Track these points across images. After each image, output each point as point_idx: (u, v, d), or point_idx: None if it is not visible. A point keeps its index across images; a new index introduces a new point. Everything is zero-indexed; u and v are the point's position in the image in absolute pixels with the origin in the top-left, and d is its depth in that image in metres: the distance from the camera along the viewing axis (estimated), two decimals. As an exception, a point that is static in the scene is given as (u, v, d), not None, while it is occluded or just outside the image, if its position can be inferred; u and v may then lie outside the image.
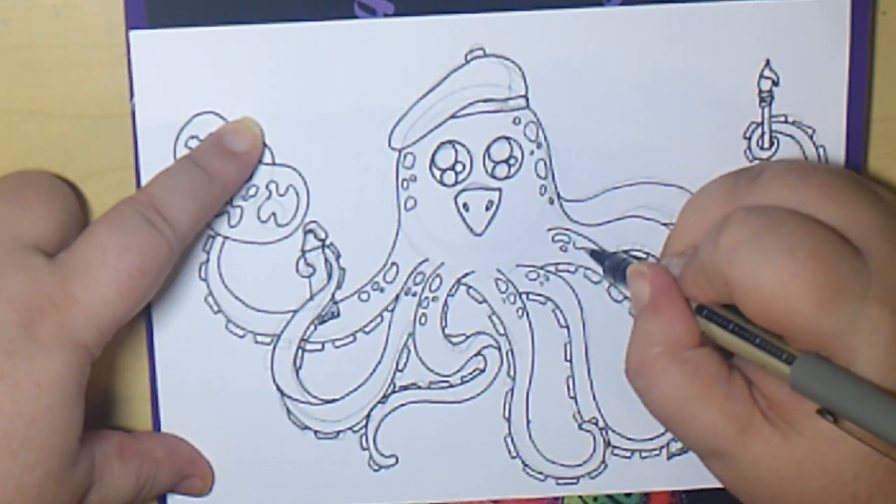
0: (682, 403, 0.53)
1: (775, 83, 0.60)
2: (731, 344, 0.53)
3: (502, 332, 0.62)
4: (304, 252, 0.60)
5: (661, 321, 0.54)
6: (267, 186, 0.60)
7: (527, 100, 0.60)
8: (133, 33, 0.58)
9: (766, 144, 0.60)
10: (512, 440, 0.62)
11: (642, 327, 0.54)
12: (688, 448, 0.55)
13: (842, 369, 0.50)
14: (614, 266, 0.59)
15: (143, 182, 0.58)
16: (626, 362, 0.55)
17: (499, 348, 0.62)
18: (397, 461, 0.62)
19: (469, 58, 0.59)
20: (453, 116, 0.60)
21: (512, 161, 0.60)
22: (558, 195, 0.61)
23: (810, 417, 0.51)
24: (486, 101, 0.60)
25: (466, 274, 0.61)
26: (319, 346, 0.61)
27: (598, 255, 0.60)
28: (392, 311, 0.61)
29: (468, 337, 0.62)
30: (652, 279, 0.55)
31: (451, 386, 0.62)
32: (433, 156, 0.60)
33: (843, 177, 0.54)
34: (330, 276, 0.61)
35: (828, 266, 0.50)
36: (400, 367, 0.62)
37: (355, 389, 0.62)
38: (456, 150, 0.60)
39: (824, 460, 0.51)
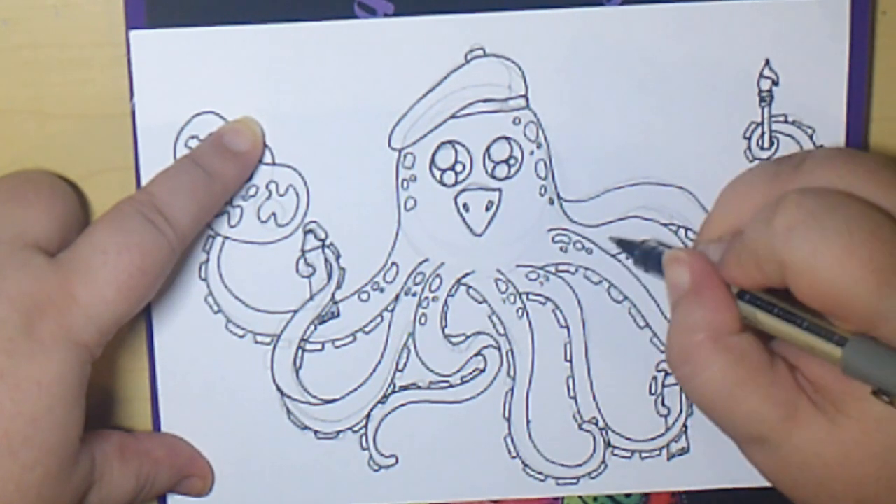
0: (728, 390, 0.52)
1: (775, 83, 0.60)
2: (776, 328, 0.53)
3: (502, 332, 0.62)
4: (304, 252, 0.60)
5: (703, 307, 0.53)
6: (267, 186, 0.60)
7: (527, 100, 0.60)
8: (133, 33, 0.58)
9: (766, 144, 0.60)
10: (512, 440, 0.62)
11: (684, 314, 0.54)
12: (728, 435, 0.54)
13: (895, 349, 0.50)
14: (645, 254, 0.58)
15: (143, 182, 0.58)
16: (668, 350, 0.54)
17: (499, 348, 0.62)
18: (397, 461, 0.62)
19: (469, 58, 0.59)
20: (453, 116, 0.60)
21: (512, 161, 0.60)
22: (558, 195, 0.61)
23: (858, 401, 0.51)
24: (486, 101, 0.60)
25: (466, 274, 0.61)
26: (319, 346, 0.61)
27: (626, 244, 0.60)
28: (392, 311, 0.61)
29: (468, 337, 0.62)
30: (691, 265, 0.54)
31: (451, 386, 0.62)
32: (433, 156, 0.60)
33: (888, 163, 0.54)
34: (330, 276, 0.61)
35: (885, 248, 0.50)
36: (400, 367, 0.62)
37: (355, 389, 0.62)
38: (456, 150, 0.60)
39: (873, 444, 0.51)
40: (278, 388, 0.61)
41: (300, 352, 0.61)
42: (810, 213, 0.51)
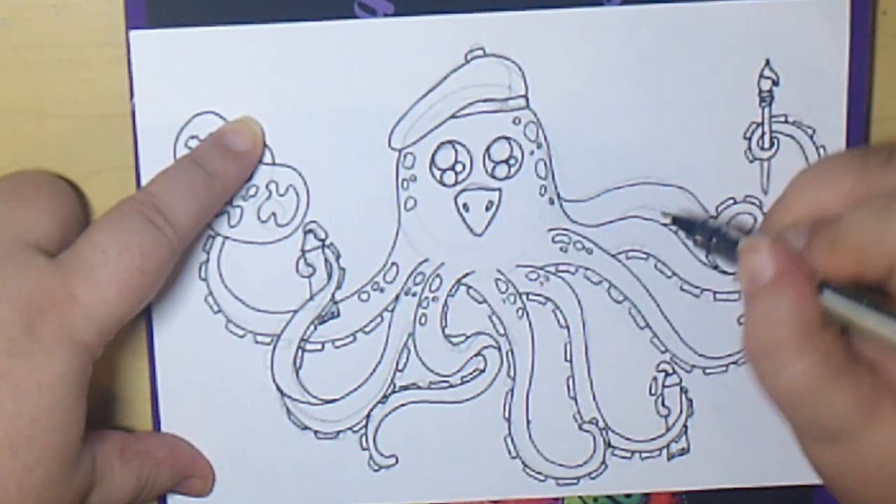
0: (815, 386, 0.51)
1: (775, 83, 0.60)
2: (863, 323, 0.51)
3: (502, 332, 0.62)
4: (304, 252, 0.60)
5: (789, 300, 0.51)
6: (267, 186, 0.60)
7: (527, 100, 0.60)
8: (133, 33, 0.58)
9: (766, 144, 0.60)
10: (512, 440, 0.62)
11: (767, 306, 0.51)
12: (801, 432, 0.53)
13: None
14: (711, 235, 0.56)
15: (143, 182, 0.58)
16: (748, 345, 0.52)
17: (499, 348, 0.62)
18: (397, 461, 0.62)
19: (469, 58, 0.59)
20: (453, 116, 0.60)
21: (512, 161, 0.60)
22: (558, 195, 0.61)
23: None
24: (486, 101, 0.60)
25: (466, 274, 0.61)
26: (319, 346, 0.61)
27: (685, 222, 0.58)
28: (392, 311, 0.61)
29: (468, 337, 0.62)
30: (776, 255, 0.52)
31: (452, 386, 0.62)
32: (433, 156, 0.60)
33: None
34: (330, 276, 0.61)
35: None
36: (400, 367, 0.62)
37: (355, 389, 0.62)
38: (456, 150, 0.60)
39: None
40: (278, 388, 0.61)
41: (300, 352, 0.61)
42: None
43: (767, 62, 0.59)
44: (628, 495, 0.64)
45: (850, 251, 0.51)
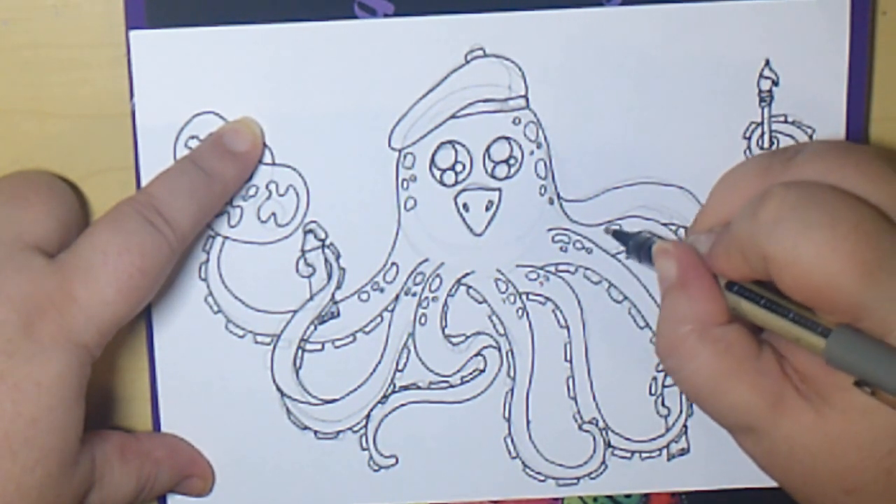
0: (714, 380, 0.53)
1: (775, 83, 0.60)
2: (762, 319, 0.53)
3: (502, 332, 0.62)
4: (304, 252, 0.60)
5: (689, 298, 0.53)
6: (267, 186, 0.60)
7: (527, 100, 0.60)
8: (133, 33, 0.58)
9: (766, 144, 0.60)
10: (512, 440, 0.62)
11: (671, 306, 0.54)
12: (719, 424, 0.54)
13: (878, 341, 0.50)
14: (638, 245, 0.58)
15: (143, 182, 0.58)
16: (657, 341, 0.55)
17: (499, 348, 0.62)
18: (397, 461, 0.62)
19: (469, 58, 0.59)
20: (453, 116, 0.60)
21: (512, 161, 0.60)
22: (558, 195, 0.61)
23: (843, 391, 0.51)
24: (486, 101, 0.60)
25: (466, 274, 0.61)
26: (319, 347, 0.61)
27: (621, 235, 0.60)
28: (392, 311, 0.61)
29: (468, 337, 0.62)
30: (678, 257, 0.54)
31: (451, 386, 0.62)
32: (433, 156, 0.60)
33: (880, 156, 0.54)
34: (330, 276, 0.61)
35: (869, 241, 0.50)
36: (400, 367, 0.62)
37: (355, 389, 0.62)
38: (456, 150, 0.60)
39: (858, 435, 0.51)
40: (278, 388, 0.61)
41: (300, 352, 0.61)
42: (793, 205, 0.51)
43: (767, 62, 0.59)
44: (628, 495, 0.64)
45: (736, 253, 0.53)
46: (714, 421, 0.55)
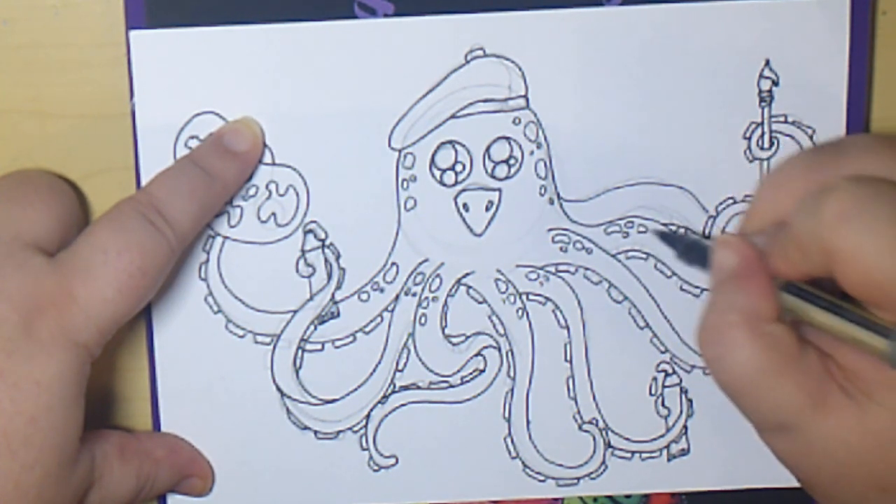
0: (758, 376, 0.52)
1: (775, 83, 0.60)
2: (820, 320, 0.52)
3: (502, 332, 0.62)
4: (304, 252, 0.60)
5: (744, 291, 0.53)
6: (267, 186, 0.60)
7: (527, 100, 0.60)
8: (133, 33, 0.58)
9: (766, 144, 0.60)
10: (512, 441, 0.62)
11: (723, 295, 0.53)
12: (750, 420, 0.54)
13: None
14: (689, 247, 0.57)
15: (143, 182, 0.58)
16: (700, 329, 0.53)
17: (499, 348, 0.62)
18: (397, 461, 0.62)
19: (469, 58, 0.59)
20: (453, 116, 0.60)
21: (512, 161, 0.60)
22: (558, 195, 0.61)
23: (891, 390, 0.51)
24: (486, 101, 0.60)
25: (466, 274, 0.61)
26: (319, 347, 0.61)
27: (669, 237, 0.59)
28: (392, 311, 0.61)
29: (468, 337, 0.62)
30: (740, 249, 0.53)
31: (451, 386, 0.62)
32: (433, 156, 0.60)
33: None
34: (330, 276, 0.61)
35: None
36: (400, 367, 0.62)
37: (355, 389, 0.62)
38: (456, 151, 0.60)
39: None
40: (278, 388, 0.61)
41: (300, 352, 0.61)
42: (859, 201, 0.50)
43: (767, 62, 0.59)
44: (628, 496, 0.64)
45: (795, 251, 0.52)
46: (746, 416, 0.54)
